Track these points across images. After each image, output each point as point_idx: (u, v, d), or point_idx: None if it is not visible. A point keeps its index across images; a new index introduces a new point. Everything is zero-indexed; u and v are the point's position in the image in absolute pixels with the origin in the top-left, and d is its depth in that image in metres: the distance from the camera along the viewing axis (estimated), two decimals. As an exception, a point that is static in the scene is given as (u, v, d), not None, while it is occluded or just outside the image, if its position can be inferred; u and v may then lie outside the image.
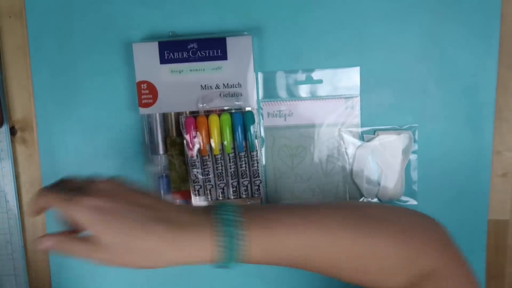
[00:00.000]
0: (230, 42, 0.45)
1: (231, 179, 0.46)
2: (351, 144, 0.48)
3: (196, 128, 0.45)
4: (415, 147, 0.47)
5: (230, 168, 0.46)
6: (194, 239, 0.30)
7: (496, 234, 0.48)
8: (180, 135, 0.47)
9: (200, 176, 0.46)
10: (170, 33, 0.47)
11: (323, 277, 0.33)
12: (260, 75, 0.47)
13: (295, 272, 0.49)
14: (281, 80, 0.47)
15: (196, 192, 0.46)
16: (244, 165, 0.46)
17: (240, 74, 0.45)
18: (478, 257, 0.49)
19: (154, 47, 0.45)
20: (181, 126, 0.46)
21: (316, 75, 0.47)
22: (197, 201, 0.47)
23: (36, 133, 0.49)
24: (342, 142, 0.48)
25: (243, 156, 0.46)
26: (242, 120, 0.45)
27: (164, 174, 0.48)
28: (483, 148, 0.47)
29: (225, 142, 0.45)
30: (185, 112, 0.46)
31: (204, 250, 0.30)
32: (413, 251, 0.32)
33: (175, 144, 0.47)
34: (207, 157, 0.46)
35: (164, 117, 0.47)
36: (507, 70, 0.46)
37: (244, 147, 0.46)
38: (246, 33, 0.45)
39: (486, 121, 0.47)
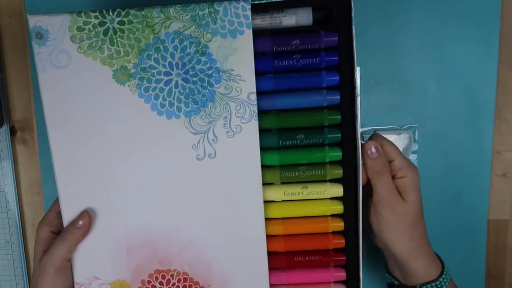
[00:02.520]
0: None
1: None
2: (351, 144, 0.48)
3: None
4: (415, 147, 0.47)
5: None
6: None
7: (496, 234, 0.48)
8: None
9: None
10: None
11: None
12: (260, 75, 0.47)
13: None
14: (281, 80, 0.47)
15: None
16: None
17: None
18: (478, 257, 0.49)
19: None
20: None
21: (316, 75, 0.47)
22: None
23: (36, 133, 0.49)
24: (342, 142, 0.48)
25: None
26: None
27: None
28: (483, 148, 0.47)
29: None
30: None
31: None
32: None
33: (175, 144, 0.47)
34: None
35: (164, 117, 0.47)
36: (507, 70, 0.46)
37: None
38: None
39: (486, 121, 0.47)
